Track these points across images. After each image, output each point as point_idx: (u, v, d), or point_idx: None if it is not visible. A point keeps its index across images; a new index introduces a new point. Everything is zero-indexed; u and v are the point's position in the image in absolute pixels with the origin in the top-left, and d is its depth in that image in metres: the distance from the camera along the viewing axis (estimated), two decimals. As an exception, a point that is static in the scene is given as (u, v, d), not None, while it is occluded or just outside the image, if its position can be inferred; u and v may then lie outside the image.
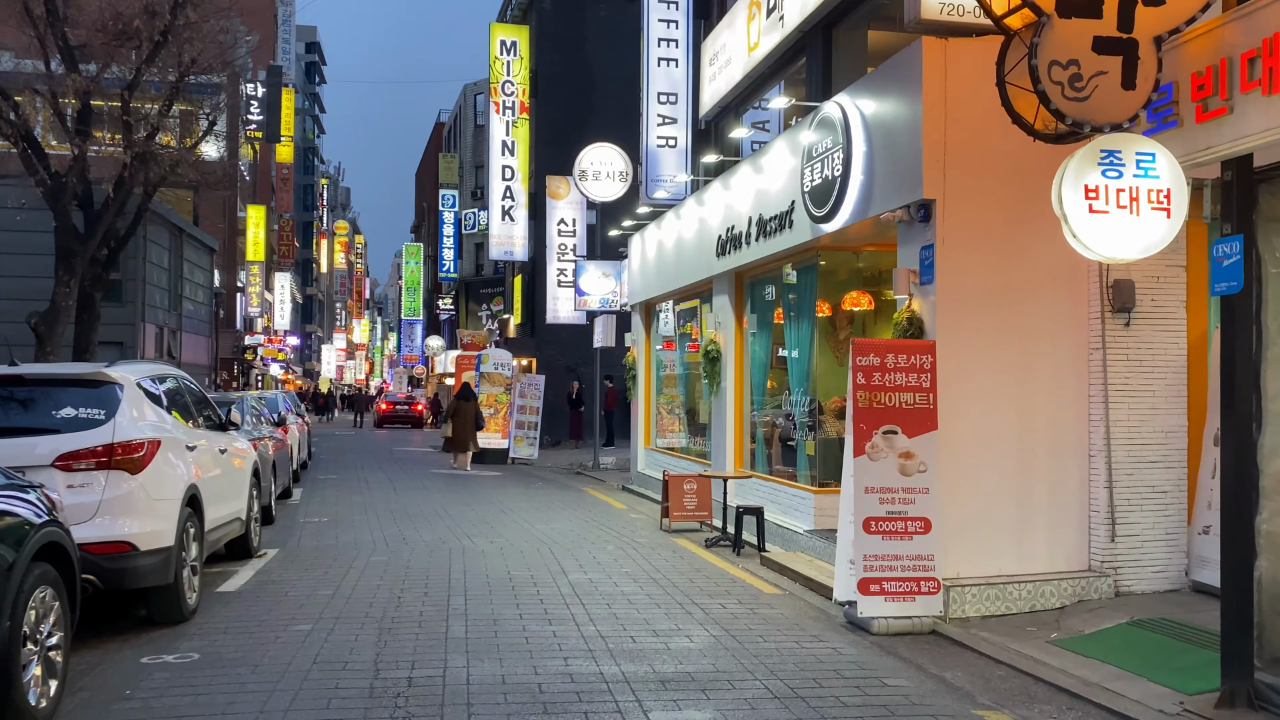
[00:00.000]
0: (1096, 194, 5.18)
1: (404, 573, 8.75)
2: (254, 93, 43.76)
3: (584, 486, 17.16)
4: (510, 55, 27.34)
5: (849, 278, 11.02)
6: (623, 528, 11.89)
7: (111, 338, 25.59)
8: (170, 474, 6.69)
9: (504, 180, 27.66)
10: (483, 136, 42.79)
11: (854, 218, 8.57)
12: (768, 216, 10.52)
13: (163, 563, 6.40)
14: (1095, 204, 5.17)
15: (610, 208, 20.72)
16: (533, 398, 22.71)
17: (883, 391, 7.20)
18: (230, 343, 43.39)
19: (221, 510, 8.09)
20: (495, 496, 15.18)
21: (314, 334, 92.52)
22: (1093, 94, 4.99)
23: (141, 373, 7.11)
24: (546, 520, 12.44)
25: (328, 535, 11.04)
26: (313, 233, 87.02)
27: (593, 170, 17.86)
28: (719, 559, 9.77)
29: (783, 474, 10.99)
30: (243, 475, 9.07)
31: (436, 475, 18.90)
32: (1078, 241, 5.28)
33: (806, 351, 10.34)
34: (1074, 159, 5.28)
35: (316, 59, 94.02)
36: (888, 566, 7.08)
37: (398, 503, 14.21)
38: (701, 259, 12.95)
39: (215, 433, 8.47)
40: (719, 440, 12.43)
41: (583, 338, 25.98)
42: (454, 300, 52.04)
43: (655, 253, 15.45)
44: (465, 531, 11.36)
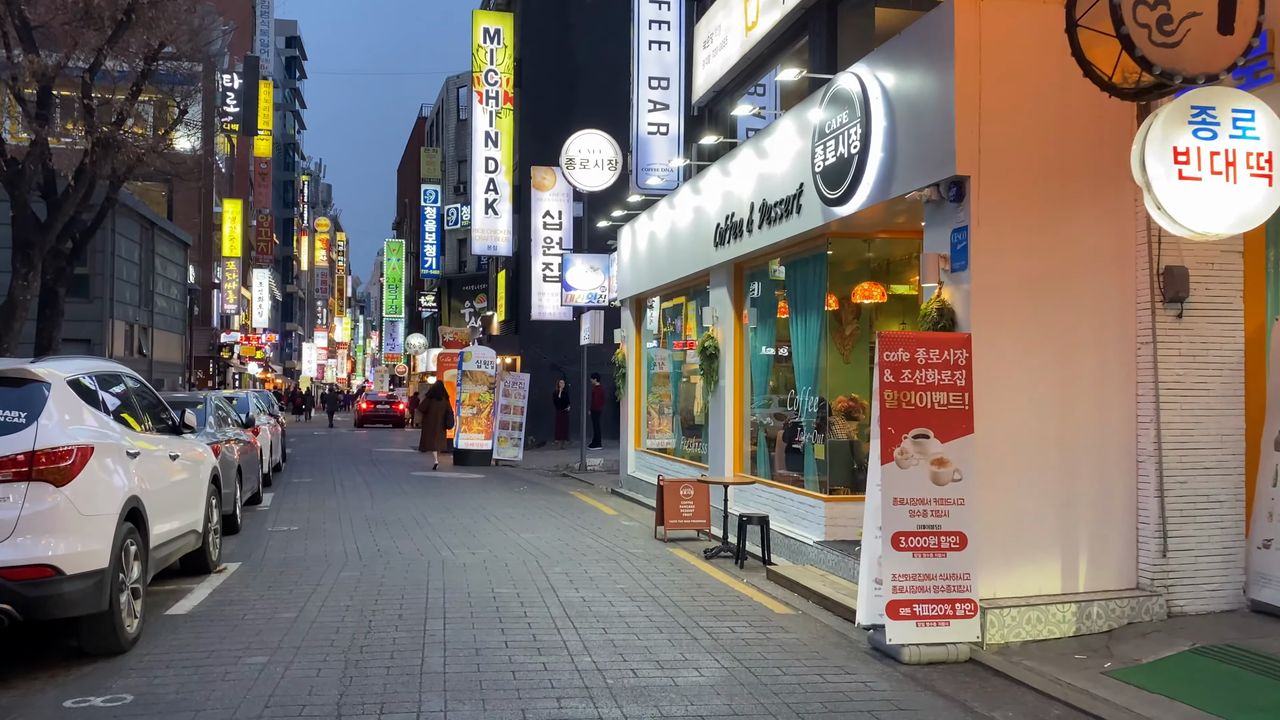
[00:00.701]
0: (1187, 158, 4.44)
1: (377, 591, 7.92)
2: (230, 84, 42.67)
3: (571, 490, 16.35)
4: (494, 43, 26.47)
5: (856, 269, 10.26)
6: (614, 536, 11.10)
7: (78, 335, 24.60)
8: (105, 485, 5.84)
9: (487, 173, 26.79)
10: (465, 130, 41.88)
11: (873, 199, 7.80)
12: (772, 201, 9.74)
13: (94, 588, 5.56)
14: (1185, 169, 4.43)
15: (598, 199, 19.91)
16: (517, 397, 21.88)
17: (913, 390, 6.43)
18: (206, 340, 42.33)
19: (171, 523, 7.24)
20: (478, 501, 14.35)
21: (294, 332, 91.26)
22: (1184, 39, 4.25)
23: (76, 370, 6.25)
24: (533, 528, 11.63)
25: (296, 546, 10.20)
26: (293, 230, 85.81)
27: (580, 158, 17.04)
28: (721, 573, 8.99)
29: (787, 479, 10.22)
30: (198, 483, 8.22)
31: (416, 478, 18.05)
32: (1162, 214, 4.53)
33: (815, 347, 9.57)
34: (1159, 117, 4.53)
35: (297, 54, 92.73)
36: (919, 587, 6.31)
37: (374, 509, 13.36)
38: (698, 249, 12.17)
39: (167, 436, 7.62)
40: (717, 442, 11.65)
41: (569, 335, 25.17)
42: (436, 297, 51.11)
43: (647, 244, 14.65)
44: (445, 541, 10.54)
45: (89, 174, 17.20)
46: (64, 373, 6.03)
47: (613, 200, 17.48)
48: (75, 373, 6.18)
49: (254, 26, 57.07)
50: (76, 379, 6.14)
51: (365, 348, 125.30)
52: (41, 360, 6.04)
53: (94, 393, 6.31)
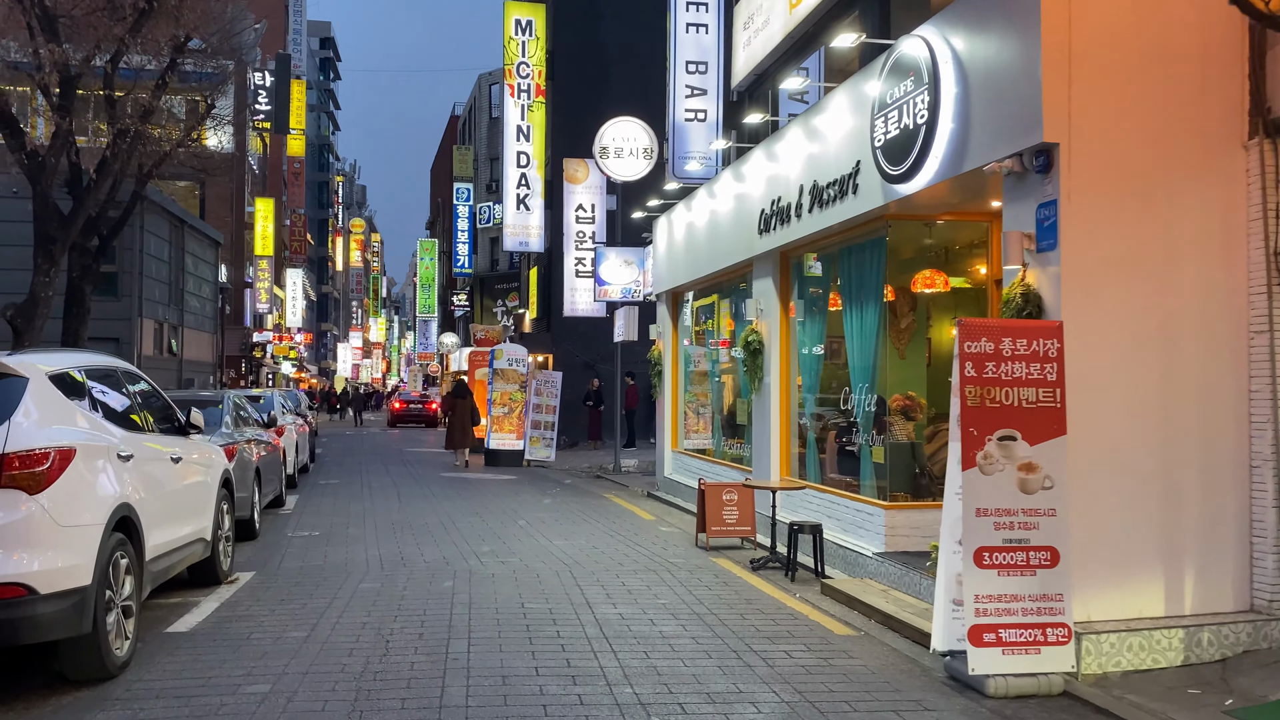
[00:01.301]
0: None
1: (397, 605, 7.27)
2: (262, 82, 42.47)
3: (605, 493, 15.67)
4: (526, 35, 25.86)
5: (914, 256, 9.47)
6: (653, 544, 10.39)
7: (106, 333, 24.23)
8: (89, 491, 5.22)
9: (519, 167, 26.19)
10: (498, 128, 41.36)
11: (942, 174, 7.04)
12: (824, 182, 8.99)
13: (74, 608, 4.93)
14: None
15: (632, 191, 19.22)
16: (549, 396, 21.24)
17: (997, 386, 5.66)
18: (238, 340, 42.11)
19: (173, 532, 6.63)
20: (508, 504, 13.70)
21: (329, 332, 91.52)
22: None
23: (61, 363, 5.65)
24: (566, 534, 10.95)
25: (315, 553, 9.59)
26: (328, 230, 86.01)
27: (614, 147, 16.34)
28: (771, 586, 8.25)
29: (840, 484, 9.46)
30: (206, 488, 7.61)
31: (446, 480, 17.44)
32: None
33: (872, 341, 8.80)
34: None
35: (331, 54, 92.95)
36: (1006, 609, 5.55)
37: (400, 513, 12.75)
38: (740, 238, 11.43)
39: (171, 438, 7.02)
40: (761, 444, 10.91)
41: (602, 332, 24.48)
42: (469, 296, 50.68)
43: (684, 235, 13.93)
44: (473, 548, 9.89)
45: (111, 167, 16.78)
46: (46, 366, 5.42)
47: (648, 191, 16.78)
48: (60, 366, 5.58)
49: (287, 26, 56.98)
50: (62, 373, 5.54)
51: (400, 348, 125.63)
52: (21, 352, 5.44)
53: (82, 389, 5.70)
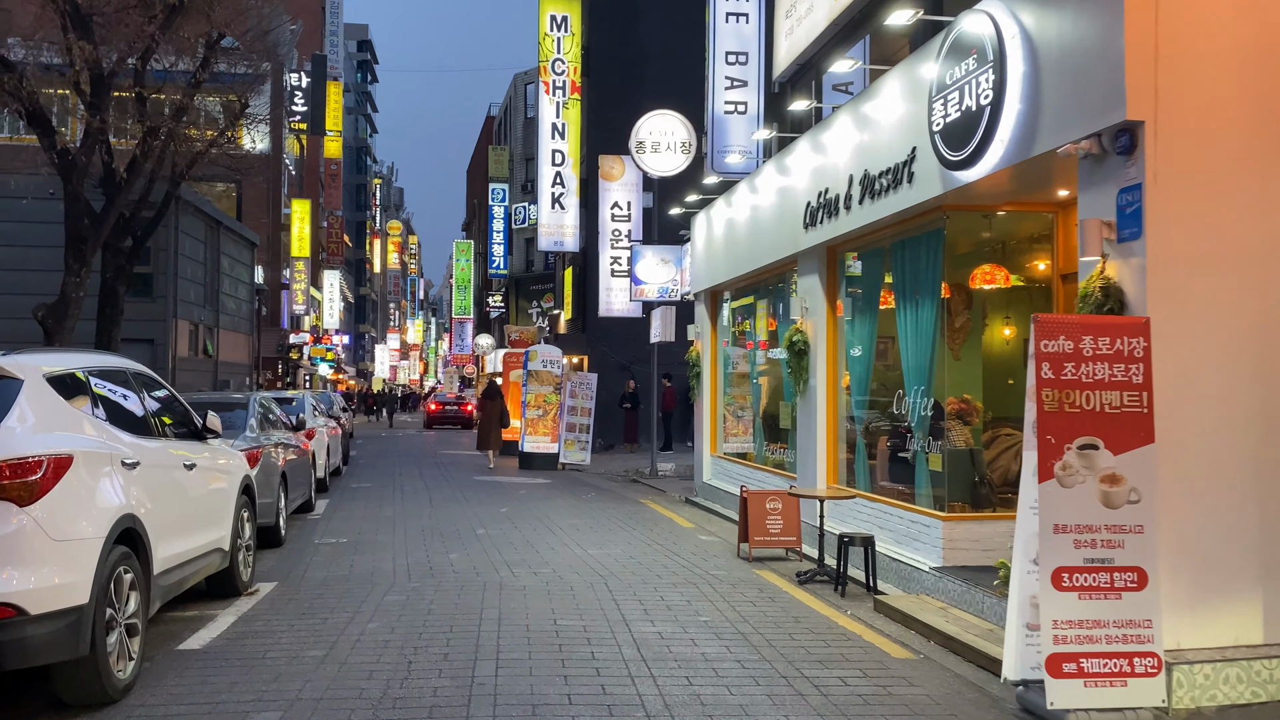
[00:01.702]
0: None
1: (423, 621, 6.85)
2: (299, 83, 42.52)
3: (642, 498, 15.20)
4: (561, 31, 25.49)
5: (970, 251, 8.90)
6: (692, 554, 9.91)
7: (141, 334, 24.20)
8: (87, 502, 4.84)
9: (554, 165, 25.82)
10: (532, 128, 41.07)
11: (1008, 158, 6.50)
12: (876, 172, 8.46)
13: (69, 629, 4.55)
14: None
15: (670, 188, 18.74)
16: (584, 398, 20.83)
17: (1077, 389, 5.12)
18: (275, 341, 42.18)
19: (186, 543, 6.25)
20: (542, 510, 13.28)
21: (367, 334, 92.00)
22: None
23: (61, 364, 5.28)
24: (601, 542, 10.50)
25: (342, 562, 9.21)
26: (366, 233, 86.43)
27: (651, 141, 15.88)
28: (820, 602, 7.74)
29: (892, 492, 8.92)
30: (223, 495, 7.24)
31: (479, 483, 17.06)
32: None
33: (928, 341, 8.26)
34: None
35: (368, 57, 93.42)
36: (1087, 636, 5.00)
37: (432, 518, 12.37)
38: (784, 233, 10.92)
39: (186, 443, 6.65)
40: (807, 449, 10.39)
41: (638, 333, 24.03)
42: (504, 297, 50.47)
43: (724, 231, 13.44)
44: (505, 558, 9.46)
45: (142, 166, 16.60)
46: (44, 367, 5.05)
47: (685, 187, 16.31)
48: (61, 367, 5.20)
49: (323, 29, 57.17)
50: (62, 375, 5.16)
51: (437, 349, 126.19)
52: (19, 351, 5.08)
53: (86, 391, 5.32)
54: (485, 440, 21.08)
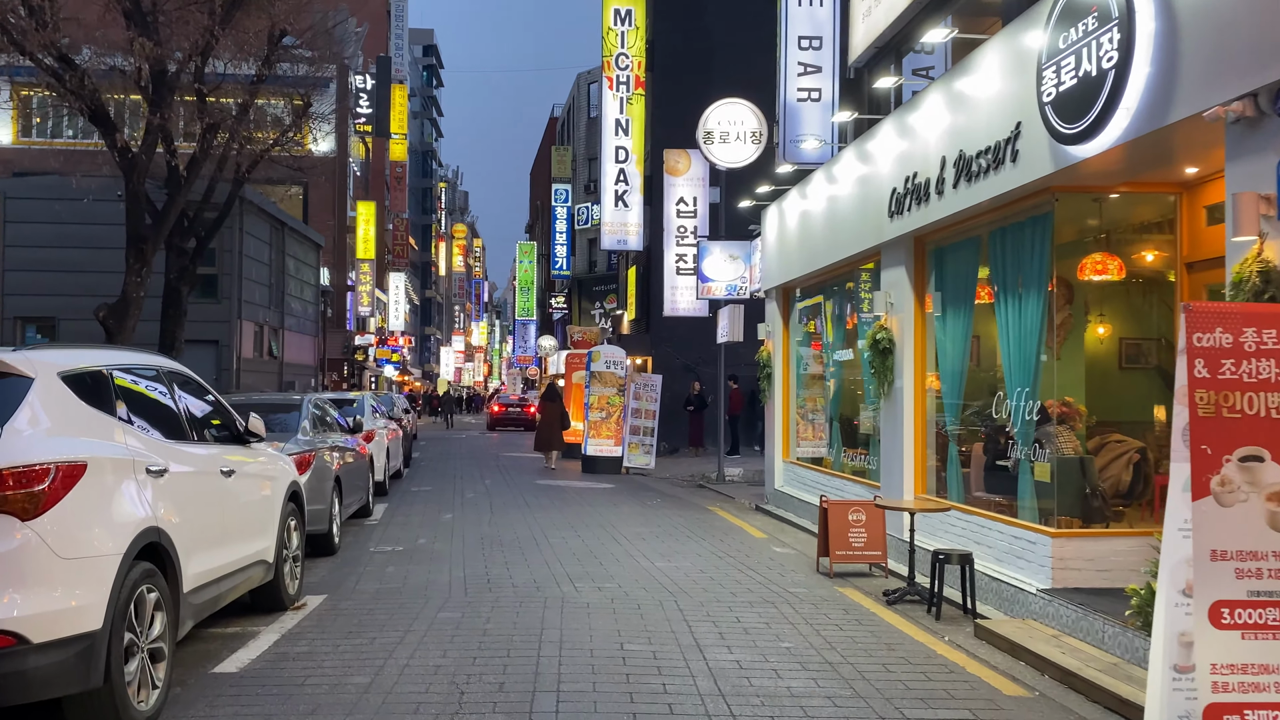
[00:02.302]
0: None
1: (478, 643, 6.28)
2: (364, 85, 42.67)
3: (709, 505, 14.53)
4: (625, 25, 24.94)
5: (1074, 240, 8.06)
6: (767, 568, 9.22)
7: (205, 335, 24.23)
8: (103, 515, 4.35)
9: (617, 163, 25.27)
10: (596, 127, 40.63)
11: (1135, 128, 5.71)
12: (973, 152, 7.69)
13: (78, 659, 4.05)
14: None
15: (737, 182, 18.03)
16: (649, 400, 20.22)
17: (1238, 391, 4.33)
18: (340, 343, 42.35)
19: (223, 556, 5.76)
20: (606, 517, 12.68)
21: (433, 336, 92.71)
22: None
23: (83, 362, 4.80)
24: (669, 553, 9.86)
25: (396, 574, 8.70)
26: (431, 236, 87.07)
27: (720, 131, 15.19)
28: (913, 626, 7.00)
29: (990, 504, 8.13)
30: (267, 503, 6.75)
31: (541, 488, 16.54)
32: None
33: (1033, 339, 7.47)
34: None
35: (434, 61, 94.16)
36: (1253, 684, 4.21)
37: (491, 525, 11.85)
38: (865, 223, 10.18)
39: (225, 447, 6.17)
40: (892, 456, 9.63)
41: (703, 332, 23.36)
42: (567, 299, 50.17)
43: (797, 224, 12.71)
44: (567, 570, 8.87)
45: (202, 164, 16.42)
46: (61, 365, 4.57)
47: (754, 180, 15.60)
48: (80, 365, 4.72)
49: (389, 33, 57.51)
50: (81, 373, 4.68)
51: (501, 351, 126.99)
52: (31, 348, 4.61)
53: (109, 391, 4.84)
54: (545, 442, 20.97)
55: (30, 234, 23.66)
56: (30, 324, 23.88)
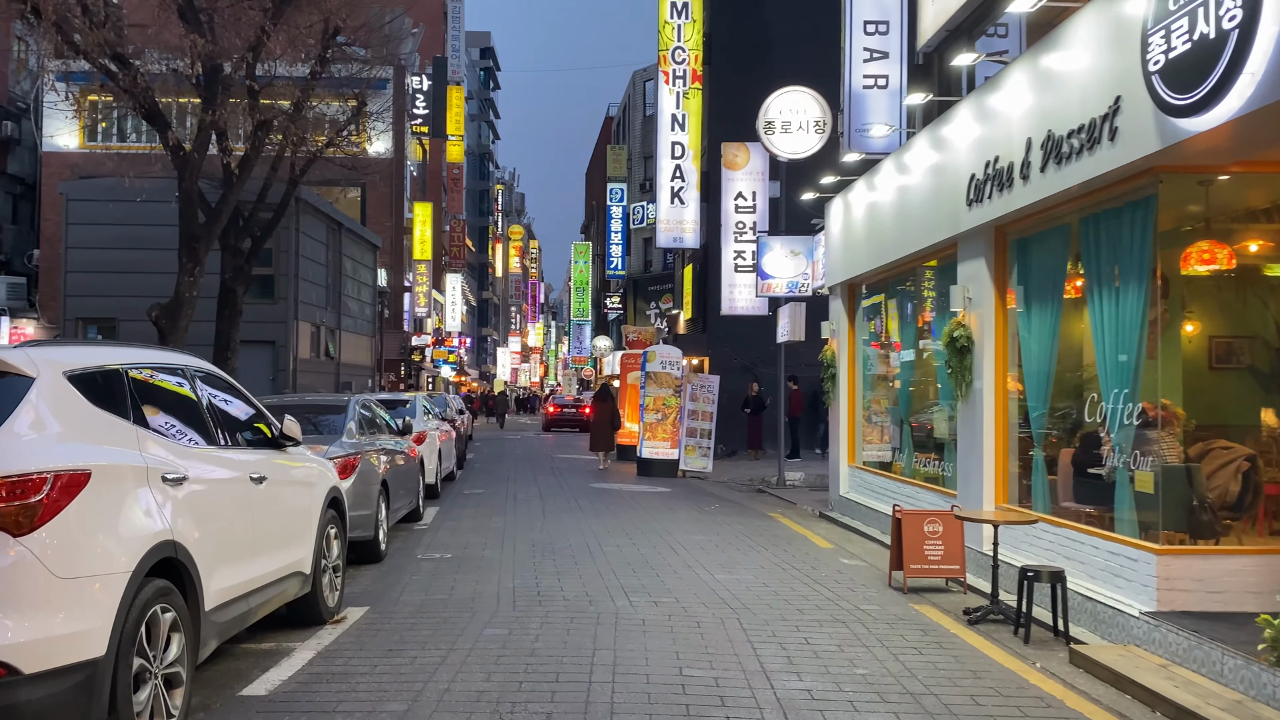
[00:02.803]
0: None
1: (524, 664, 5.81)
2: (420, 86, 42.71)
3: (770, 511, 13.93)
4: (681, 18, 24.41)
5: (1173, 228, 7.35)
6: (836, 582, 8.63)
7: (262, 336, 24.22)
8: (110, 528, 3.96)
9: (673, 159, 24.75)
10: (651, 125, 40.18)
11: (1261, 97, 5.05)
12: (1064, 132, 7.04)
13: (77, 690, 3.65)
14: None
15: (798, 175, 17.40)
16: (705, 401, 19.66)
17: None
18: (397, 343, 42.43)
19: (252, 570, 5.37)
20: (662, 523, 12.17)
21: (489, 337, 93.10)
22: None
23: (93, 361, 4.42)
24: (729, 564, 9.32)
25: (442, 583, 8.29)
26: (488, 237, 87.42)
27: (781, 120, 14.57)
28: (1000, 650, 6.38)
29: (1081, 516, 7.46)
30: (304, 511, 6.36)
31: (595, 491, 16.09)
32: None
33: (1134, 335, 6.79)
34: None
35: (491, 64, 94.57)
36: None
37: (544, 530, 11.41)
38: (939, 214, 9.53)
39: (255, 452, 5.78)
40: (970, 463, 8.98)
41: (762, 332, 22.74)
42: (622, 299, 49.81)
43: (864, 216, 12.08)
44: (622, 581, 8.38)
45: (253, 162, 16.27)
46: (66, 363, 4.19)
47: (817, 173, 14.96)
48: (89, 364, 4.34)
49: (445, 33, 57.67)
50: (91, 372, 4.30)
51: (557, 352, 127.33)
52: (35, 345, 4.24)
53: (123, 393, 4.46)
54: (598, 442, 21.25)
55: (91, 235, 23.89)
56: (91, 325, 24.09)
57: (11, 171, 35.11)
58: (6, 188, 35.39)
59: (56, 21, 13.57)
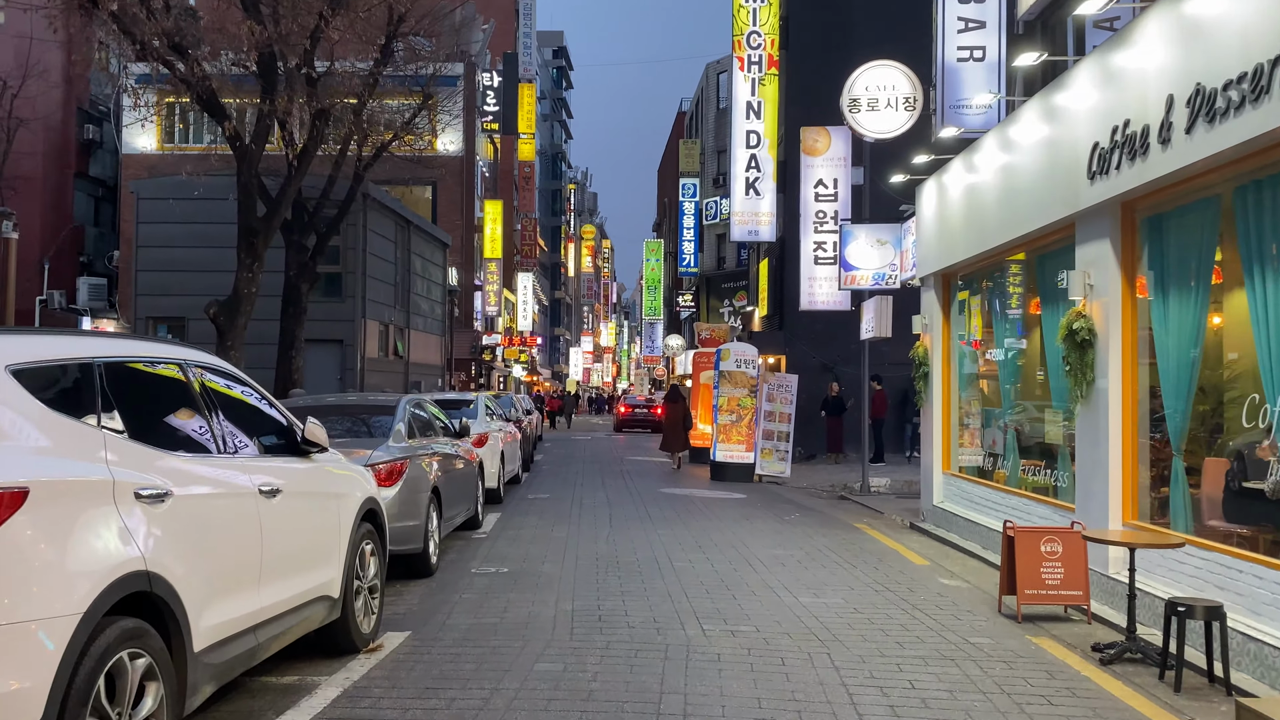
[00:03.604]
0: None
1: (579, 711, 4.95)
2: (490, 83, 42.34)
3: (855, 521, 12.88)
4: (757, 1, 23.38)
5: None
6: (938, 607, 7.60)
7: (330, 335, 23.89)
8: (54, 559, 3.19)
9: (748, 148, 23.73)
10: (725, 119, 39.18)
11: None
12: (1217, 84, 5.92)
13: (-1, 768, 2.88)
14: None
15: (883, 160, 16.28)
16: (783, 402, 18.63)
17: None
18: (468, 342, 42.10)
19: (262, 599, 4.61)
20: (739, 535, 11.23)
21: (562, 337, 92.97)
22: None
23: (52, 353, 3.67)
24: (815, 584, 8.35)
25: (495, 604, 7.49)
26: (561, 237, 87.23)
27: (868, 98, 13.48)
28: (1143, 699, 5.32)
29: (1235, 538, 6.33)
30: (330, 527, 5.59)
31: (666, 497, 15.19)
32: None
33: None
34: None
35: (564, 64, 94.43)
36: None
37: (609, 542, 10.57)
38: (1053, 191, 8.42)
39: (270, 460, 5.03)
40: (1091, 471, 7.87)
41: (842, 328, 21.63)
42: (694, 297, 48.85)
43: (962, 199, 10.98)
44: (693, 604, 7.48)
45: (313, 152, 15.76)
46: (11, 356, 3.44)
47: (903, 157, 13.86)
48: (38, 357, 3.58)
49: (516, 31, 57.37)
50: (40, 366, 3.55)
51: (630, 352, 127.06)
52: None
53: (88, 392, 3.71)
54: (670, 442, 20.91)
55: (161, 234, 23.81)
56: (161, 324, 24.02)
57: (94, 174, 35.64)
58: (89, 190, 35.95)
59: (114, 12, 13.20)
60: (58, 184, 33.98)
